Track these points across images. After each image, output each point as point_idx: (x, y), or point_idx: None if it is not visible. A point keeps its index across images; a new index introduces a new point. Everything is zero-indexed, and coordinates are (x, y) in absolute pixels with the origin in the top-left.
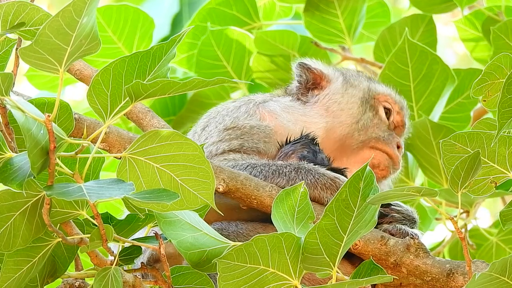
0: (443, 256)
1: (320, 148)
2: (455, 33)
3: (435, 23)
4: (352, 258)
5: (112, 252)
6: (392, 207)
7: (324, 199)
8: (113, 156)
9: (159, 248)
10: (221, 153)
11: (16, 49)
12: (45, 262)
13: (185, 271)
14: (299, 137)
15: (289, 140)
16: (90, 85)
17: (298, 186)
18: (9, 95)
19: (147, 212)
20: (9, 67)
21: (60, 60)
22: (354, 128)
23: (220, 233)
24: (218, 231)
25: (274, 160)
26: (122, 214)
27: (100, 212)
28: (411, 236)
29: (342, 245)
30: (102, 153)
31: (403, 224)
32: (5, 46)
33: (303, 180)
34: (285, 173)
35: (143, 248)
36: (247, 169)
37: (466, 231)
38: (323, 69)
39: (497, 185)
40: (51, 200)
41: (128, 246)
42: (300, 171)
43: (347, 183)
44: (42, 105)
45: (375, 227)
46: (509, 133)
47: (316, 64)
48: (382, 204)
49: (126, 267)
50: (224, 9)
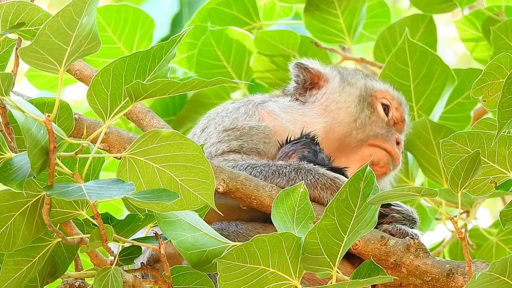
0: (443, 256)
1: (321, 148)
2: (455, 33)
3: (435, 23)
4: (352, 258)
5: (112, 252)
6: (392, 207)
7: (324, 199)
8: (113, 156)
9: (159, 248)
10: (221, 154)
11: (16, 49)
12: (45, 262)
13: (185, 271)
14: (300, 137)
15: (289, 140)
16: (90, 85)
17: (298, 186)
18: (9, 95)
19: (147, 212)
20: (9, 67)
21: (60, 60)
22: (352, 127)
23: (220, 233)
24: (218, 231)
25: (274, 160)
26: (122, 215)
27: (100, 212)
28: (411, 236)
29: (342, 245)
30: (102, 153)
31: (403, 224)
32: (5, 46)
33: (303, 180)
34: (285, 173)
35: (143, 248)
36: (247, 170)
37: (466, 231)
38: (320, 69)
39: (497, 185)
40: (51, 200)
41: (128, 246)
42: (300, 171)
43: (348, 183)
44: (42, 105)
45: (375, 227)
46: (509, 133)
47: (313, 64)
48: (382, 204)
49: (126, 267)
50: (224, 9)
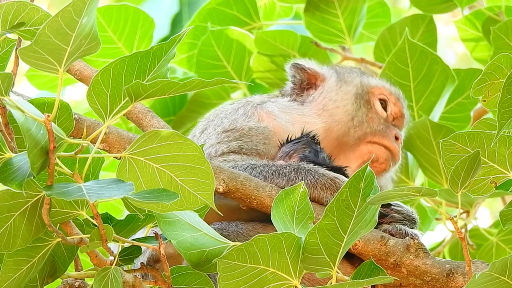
0: (444, 256)
1: (322, 147)
2: (455, 33)
3: (435, 23)
4: (352, 258)
5: (112, 252)
6: (392, 207)
7: (324, 199)
8: (113, 156)
9: (159, 248)
10: (221, 155)
11: (16, 49)
12: (45, 262)
13: (185, 271)
14: (300, 136)
15: (290, 139)
16: (90, 85)
17: (298, 187)
18: (9, 95)
19: (147, 212)
20: (9, 67)
21: (60, 60)
22: (350, 125)
23: (220, 233)
24: (218, 231)
25: (275, 160)
26: (123, 215)
27: (100, 212)
28: (411, 237)
29: (342, 245)
30: (102, 153)
31: (403, 225)
32: (5, 46)
33: (303, 181)
34: (285, 174)
35: (143, 248)
36: (247, 170)
37: (466, 231)
38: (317, 68)
39: (497, 185)
40: (51, 200)
41: (128, 246)
42: (300, 172)
43: (348, 183)
44: (42, 105)
45: (375, 227)
46: (509, 133)
47: (310, 64)
48: (382, 204)
49: (126, 267)
50: (224, 9)
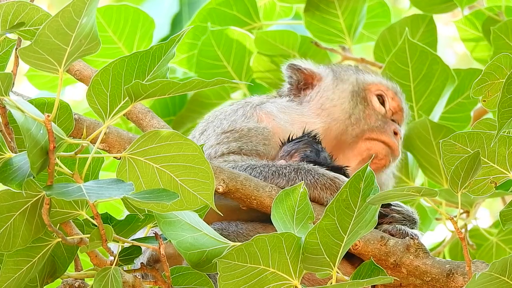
0: (444, 256)
1: (323, 147)
2: (455, 33)
3: (436, 23)
4: (352, 259)
5: (112, 252)
6: (392, 208)
7: (324, 200)
8: (113, 157)
9: (159, 249)
10: (220, 155)
11: (16, 49)
12: (45, 262)
13: (185, 272)
14: (302, 136)
15: (292, 139)
16: (90, 85)
17: (298, 187)
18: (9, 95)
19: (147, 213)
20: (9, 67)
21: (60, 60)
22: (348, 123)
23: (220, 233)
24: (218, 231)
25: (276, 159)
26: (123, 215)
27: (100, 213)
28: (411, 237)
29: (342, 245)
30: (102, 153)
31: (403, 225)
32: (5, 46)
33: (303, 181)
34: (285, 174)
35: (143, 249)
36: (247, 170)
37: (466, 231)
38: (313, 68)
39: (497, 185)
40: (51, 200)
41: (128, 246)
42: (300, 172)
43: (348, 183)
44: (42, 105)
45: (375, 228)
46: (509, 133)
47: (306, 64)
48: (382, 204)
49: (126, 267)
50: (225, 9)
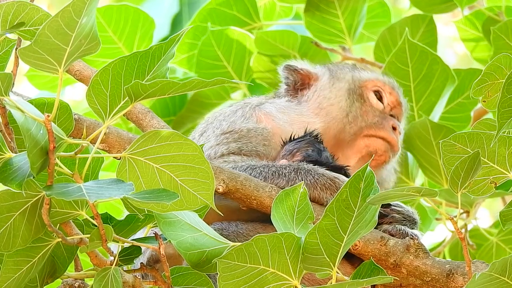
0: (444, 256)
1: (324, 146)
2: (455, 33)
3: (436, 23)
4: (352, 259)
5: (112, 253)
6: (392, 208)
7: (324, 200)
8: (113, 157)
9: (159, 249)
10: (220, 156)
11: (16, 49)
12: (45, 262)
13: (185, 272)
14: (303, 135)
15: (293, 138)
16: (89, 85)
17: (298, 187)
18: (9, 95)
19: (147, 213)
20: (9, 67)
21: (60, 60)
22: (345, 122)
23: (220, 233)
24: (218, 231)
25: (277, 159)
26: (123, 215)
27: (100, 213)
28: (411, 237)
29: (342, 245)
30: (102, 153)
31: (403, 225)
32: (5, 46)
33: (303, 181)
34: (285, 174)
35: (143, 249)
36: (247, 171)
37: (466, 231)
38: (310, 68)
39: (497, 185)
40: (51, 200)
41: (128, 247)
42: (300, 172)
43: (348, 183)
44: (42, 105)
45: (375, 228)
46: (509, 133)
47: (302, 65)
48: (382, 204)
49: (126, 268)
50: (225, 9)
